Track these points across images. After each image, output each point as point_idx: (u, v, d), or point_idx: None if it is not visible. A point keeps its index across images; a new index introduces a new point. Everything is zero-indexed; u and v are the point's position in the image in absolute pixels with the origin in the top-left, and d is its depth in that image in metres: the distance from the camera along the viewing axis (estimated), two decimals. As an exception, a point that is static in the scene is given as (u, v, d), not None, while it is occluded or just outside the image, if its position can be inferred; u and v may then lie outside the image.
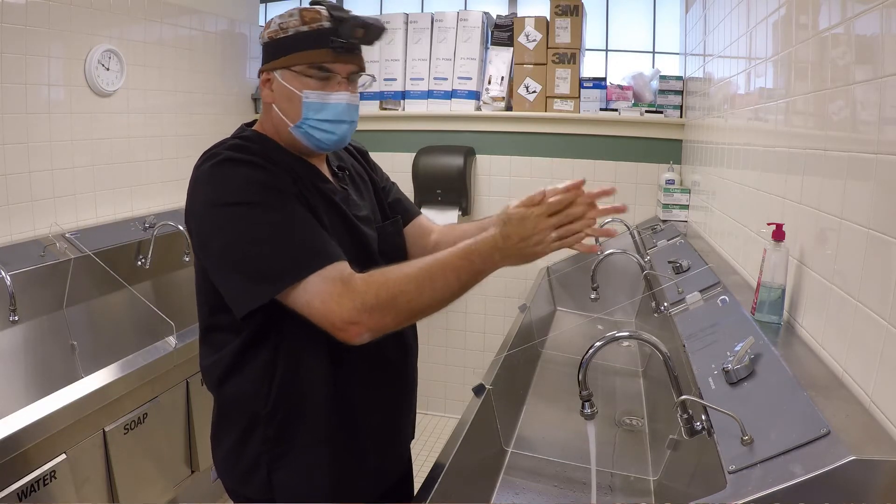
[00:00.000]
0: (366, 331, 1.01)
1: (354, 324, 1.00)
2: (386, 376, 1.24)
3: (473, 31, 3.24)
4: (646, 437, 1.75)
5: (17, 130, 2.21)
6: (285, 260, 1.02)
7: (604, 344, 1.21)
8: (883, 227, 0.93)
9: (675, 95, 3.04)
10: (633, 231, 2.91)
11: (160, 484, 2.14)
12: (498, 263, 1.06)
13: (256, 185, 1.06)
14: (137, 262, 2.62)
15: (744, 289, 1.56)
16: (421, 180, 3.24)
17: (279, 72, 1.14)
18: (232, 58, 3.25)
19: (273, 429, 1.14)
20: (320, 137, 1.16)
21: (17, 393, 1.95)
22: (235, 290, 1.06)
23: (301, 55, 1.12)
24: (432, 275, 1.03)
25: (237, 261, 1.05)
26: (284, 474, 1.15)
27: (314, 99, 1.13)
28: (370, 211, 1.28)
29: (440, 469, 1.32)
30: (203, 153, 1.13)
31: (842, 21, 1.11)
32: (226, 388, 1.17)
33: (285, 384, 1.13)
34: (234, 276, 1.06)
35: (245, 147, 1.12)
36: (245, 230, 1.04)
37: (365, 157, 1.40)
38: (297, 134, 1.16)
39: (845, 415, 0.92)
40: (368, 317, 1.00)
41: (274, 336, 1.12)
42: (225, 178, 1.07)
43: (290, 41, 1.12)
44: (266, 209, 1.05)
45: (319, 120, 1.14)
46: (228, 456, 1.19)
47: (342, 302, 1.00)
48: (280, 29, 1.13)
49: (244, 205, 1.05)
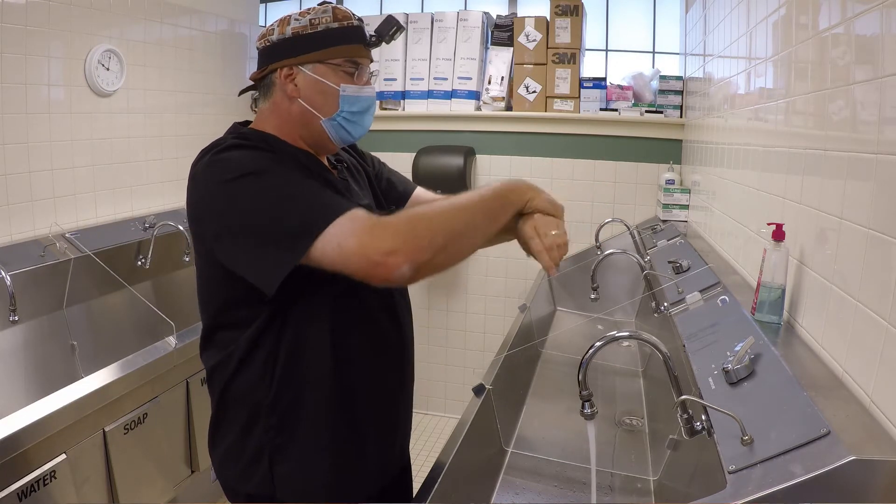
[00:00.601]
0: (405, 261, 0.96)
1: (392, 253, 0.95)
2: (386, 368, 1.24)
3: (473, 31, 3.24)
4: (646, 437, 1.75)
5: (17, 130, 2.21)
6: (307, 212, 1.00)
7: (604, 344, 1.21)
8: (883, 227, 0.93)
9: (675, 95, 3.04)
10: (633, 231, 2.91)
11: (160, 484, 2.14)
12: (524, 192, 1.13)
13: (260, 158, 1.06)
14: (137, 262, 2.62)
15: (744, 289, 1.56)
16: (421, 180, 3.24)
17: (309, 66, 1.15)
18: (232, 58, 3.25)
19: (275, 418, 1.14)
20: (351, 130, 1.19)
21: (17, 393, 1.95)
22: (262, 263, 1.02)
23: (338, 49, 1.15)
24: (459, 202, 1.07)
25: (257, 231, 1.02)
26: (285, 467, 1.15)
27: (350, 92, 1.17)
28: (370, 201, 1.29)
29: (440, 469, 1.32)
30: (201, 151, 1.12)
31: (842, 21, 1.11)
32: (233, 385, 1.16)
33: (287, 373, 1.13)
34: (257, 250, 1.02)
35: (247, 136, 1.13)
36: (258, 196, 1.02)
37: (354, 147, 1.40)
38: (328, 127, 1.17)
39: (845, 415, 0.92)
40: (403, 242, 0.97)
41: (279, 326, 1.12)
42: (228, 159, 1.06)
43: (322, 36, 1.14)
44: (274, 174, 1.04)
45: (353, 112, 1.18)
46: (229, 452, 1.19)
47: (375, 232, 0.97)
48: (310, 24, 1.14)
49: (251, 174, 1.03)
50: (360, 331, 1.18)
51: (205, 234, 1.09)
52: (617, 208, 3.11)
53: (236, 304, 1.10)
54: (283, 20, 1.16)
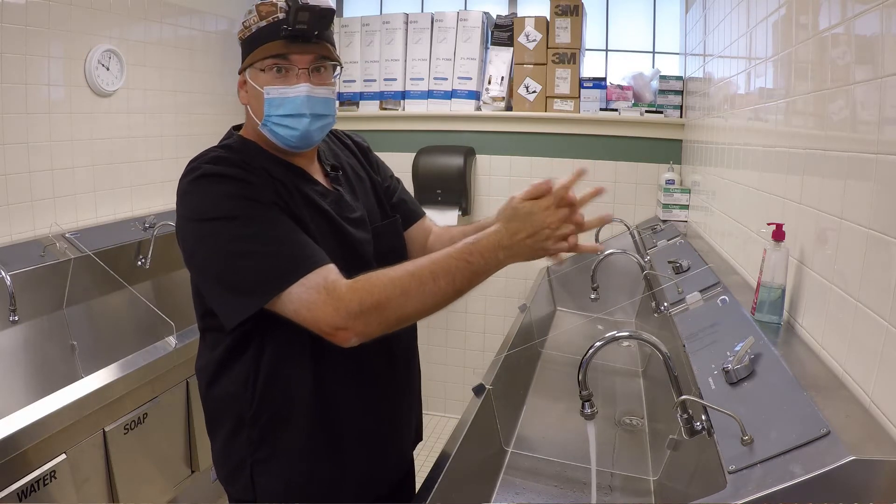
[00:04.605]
0: (353, 336, 1.00)
1: (342, 329, 0.99)
2: (371, 381, 1.21)
3: (473, 31, 3.24)
4: (646, 437, 1.75)
5: (17, 130, 2.21)
6: (267, 272, 1.01)
7: (604, 344, 1.21)
8: (883, 227, 0.93)
9: (675, 95, 3.04)
10: (633, 231, 2.91)
11: (160, 484, 2.14)
12: (502, 262, 1.02)
13: (234, 198, 1.05)
14: (137, 262, 2.62)
15: (744, 289, 1.56)
16: (421, 180, 3.24)
17: (248, 71, 1.14)
18: (232, 58, 3.24)
19: (257, 431, 1.14)
20: (283, 134, 1.12)
21: (17, 393, 1.95)
22: (222, 304, 1.06)
23: (260, 50, 1.10)
24: (422, 279, 0.99)
25: (220, 275, 1.05)
26: (266, 480, 1.15)
27: (274, 94, 1.11)
28: (365, 212, 1.25)
29: (440, 469, 1.32)
30: (189, 162, 1.11)
31: (842, 21, 1.11)
32: (213, 390, 1.17)
33: (268, 388, 1.13)
34: (218, 290, 1.06)
35: (225, 158, 1.10)
36: (225, 245, 1.03)
37: (366, 154, 1.37)
38: (265, 132, 1.14)
39: (845, 415, 0.92)
40: (354, 322, 0.99)
41: (259, 338, 1.12)
42: (203, 193, 1.06)
43: (252, 38, 1.12)
44: (245, 222, 1.04)
45: (280, 115, 1.11)
46: (219, 453, 1.21)
47: (326, 310, 0.99)
48: (244, 27, 1.12)
49: (222, 219, 1.04)
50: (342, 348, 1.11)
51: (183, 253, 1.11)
52: (617, 208, 3.10)
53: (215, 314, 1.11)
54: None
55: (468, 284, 1.02)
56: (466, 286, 1.02)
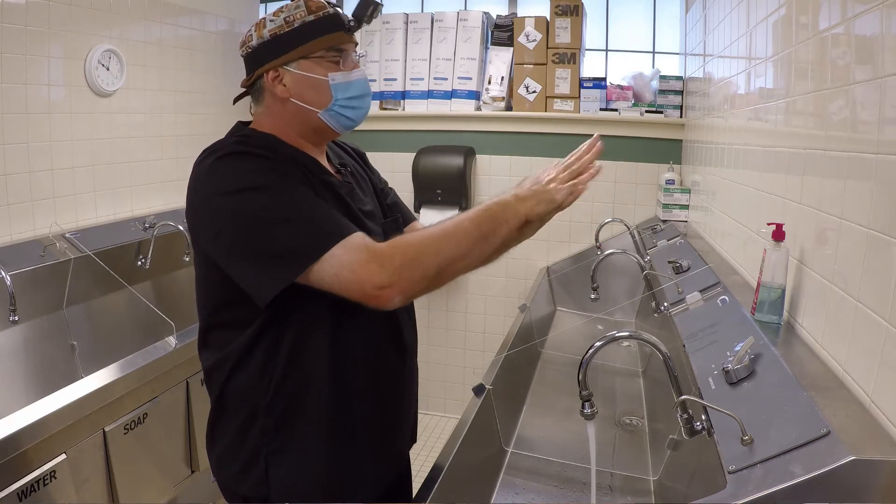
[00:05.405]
0: (397, 293, 1.02)
1: (386, 287, 1.00)
2: (384, 369, 1.24)
3: (473, 31, 3.24)
4: (646, 437, 1.75)
5: (17, 130, 2.21)
6: (304, 237, 1.02)
7: (604, 344, 1.21)
8: (883, 227, 0.93)
9: (675, 95, 3.04)
10: (633, 231, 2.91)
11: (160, 484, 2.14)
12: (516, 208, 1.08)
13: (262, 170, 1.07)
14: (137, 262, 2.62)
15: (744, 289, 1.56)
16: (421, 180, 3.24)
17: (293, 64, 1.15)
18: (232, 58, 3.23)
19: (272, 421, 1.14)
20: (351, 115, 1.20)
21: (17, 393, 1.95)
22: (256, 278, 1.04)
23: (318, 42, 1.16)
24: (449, 230, 1.06)
25: (254, 247, 1.04)
26: (281, 470, 1.15)
27: (340, 80, 1.18)
28: (374, 207, 1.29)
29: (440, 469, 1.32)
30: (204, 150, 1.12)
31: (842, 21, 1.11)
32: (230, 385, 1.16)
33: (285, 376, 1.13)
34: (252, 264, 1.04)
35: (248, 142, 1.13)
36: (258, 214, 1.03)
37: (363, 159, 1.41)
38: (327, 118, 1.18)
39: (845, 415, 0.92)
40: (398, 277, 1.01)
41: (277, 327, 1.12)
42: (230, 168, 1.07)
43: (300, 32, 1.15)
44: (276, 191, 1.05)
45: (348, 98, 1.19)
46: (226, 452, 1.19)
47: (370, 267, 1.00)
48: (285, 23, 1.15)
49: (252, 190, 1.04)
50: (360, 335, 1.18)
51: (203, 237, 1.10)
52: (617, 208, 3.11)
53: (235, 303, 1.10)
54: (259, 24, 1.17)
55: (493, 231, 1.07)
56: (491, 232, 1.07)
